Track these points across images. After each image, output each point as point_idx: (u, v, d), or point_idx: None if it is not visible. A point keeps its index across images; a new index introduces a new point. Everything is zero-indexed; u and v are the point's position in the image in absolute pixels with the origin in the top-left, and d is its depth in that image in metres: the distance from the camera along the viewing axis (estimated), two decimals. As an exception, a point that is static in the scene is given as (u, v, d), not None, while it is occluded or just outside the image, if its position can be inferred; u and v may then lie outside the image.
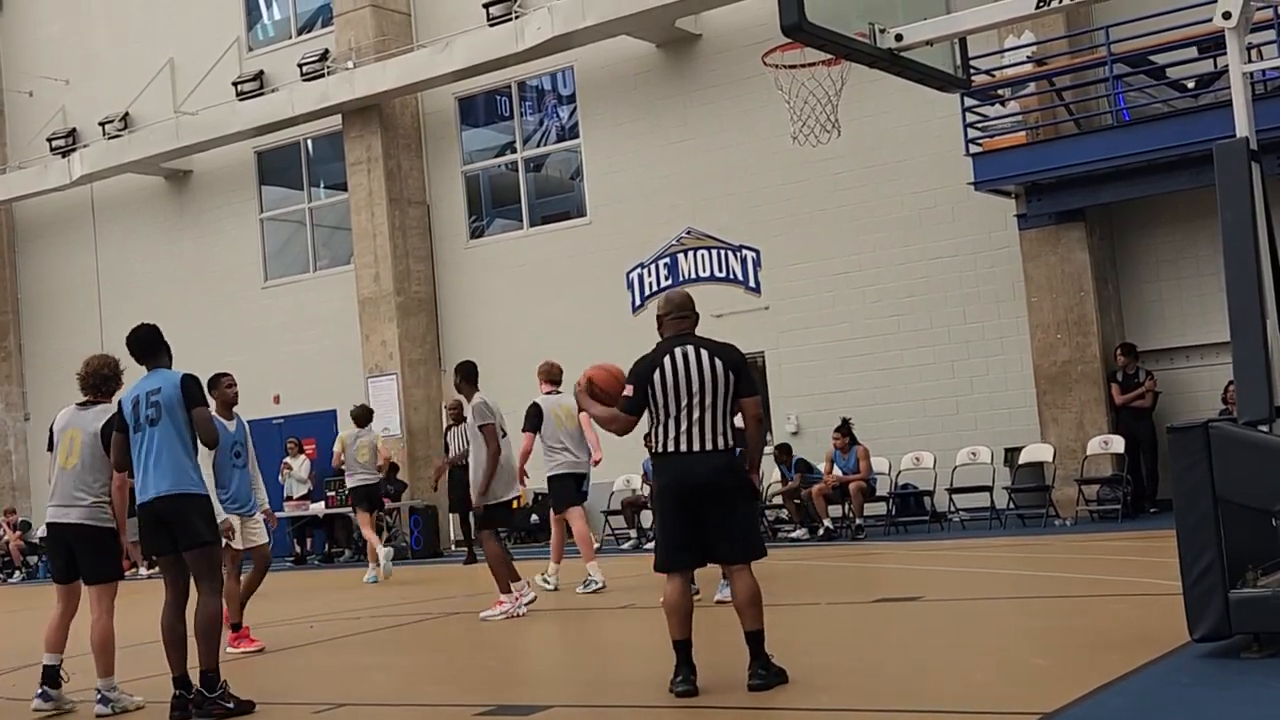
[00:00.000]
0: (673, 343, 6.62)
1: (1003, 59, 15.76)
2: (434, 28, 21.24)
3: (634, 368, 6.65)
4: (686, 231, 18.94)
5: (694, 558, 6.55)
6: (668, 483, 6.51)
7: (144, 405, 7.15)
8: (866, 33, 7.86)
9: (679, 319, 6.71)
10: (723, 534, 6.43)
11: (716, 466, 6.43)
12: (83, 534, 7.52)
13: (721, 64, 18.69)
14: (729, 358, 6.56)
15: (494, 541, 10.57)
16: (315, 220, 23.35)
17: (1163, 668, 6.17)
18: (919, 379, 17.14)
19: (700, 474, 6.40)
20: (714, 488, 6.40)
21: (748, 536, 6.55)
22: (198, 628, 7.06)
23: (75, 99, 25.48)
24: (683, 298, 6.85)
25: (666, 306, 6.80)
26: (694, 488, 6.40)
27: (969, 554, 12.70)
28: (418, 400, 20.95)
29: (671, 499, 6.49)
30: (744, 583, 6.42)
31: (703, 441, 6.42)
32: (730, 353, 6.61)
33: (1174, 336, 15.94)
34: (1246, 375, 6.50)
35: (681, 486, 6.44)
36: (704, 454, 6.42)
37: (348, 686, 8.00)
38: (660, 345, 6.66)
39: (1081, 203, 15.51)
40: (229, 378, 9.86)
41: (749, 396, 6.59)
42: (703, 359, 6.50)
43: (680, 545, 6.47)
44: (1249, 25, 7.18)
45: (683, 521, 6.44)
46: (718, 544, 6.47)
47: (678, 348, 6.56)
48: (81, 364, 7.84)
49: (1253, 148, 6.77)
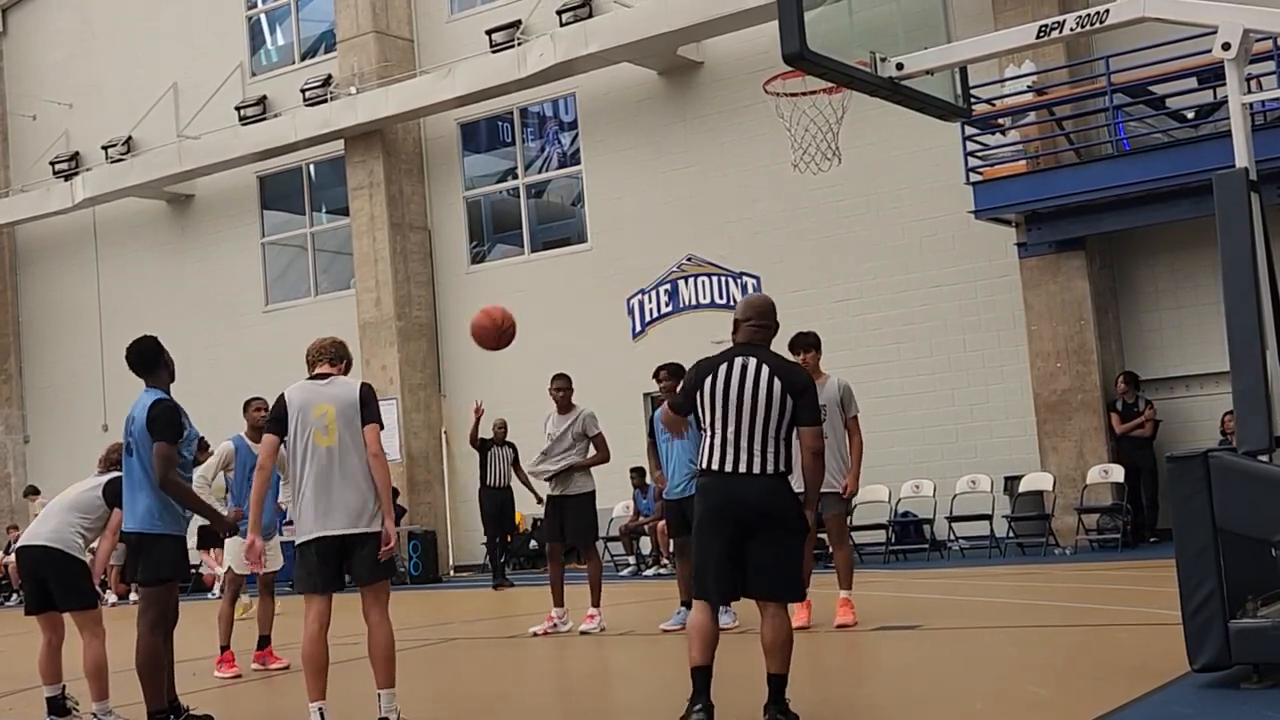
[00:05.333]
0: (736, 351, 6.07)
1: (1003, 88, 15.82)
2: (437, 54, 21.33)
3: (690, 370, 6.19)
4: (687, 258, 18.97)
5: (733, 588, 5.97)
6: (709, 503, 5.95)
7: (125, 432, 7.07)
8: (867, 61, 7.88)
9: (756, 327, 6.12)
10: (763, 567, 5.87)
11: (766, 491, 5.88)
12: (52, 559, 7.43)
13: (723, 91, 18.75)
14: (791, 380, 5.96)
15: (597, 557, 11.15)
16: (316, 245, 23.40)
17: (1162, 698, 6.15)
18: (919, 407, 17.14)
19: (745, 498, 5.87)
20: (762, 514, 5.85)
21: (789, 574, 5.95)
22: (139, 667, 6.91)
23: (78, 123, 25.58)
24: (764, 303, 6.27)
25: (746, 311, 6.19)
26: (740, 513, 5.86)
27: (968, 582, 12.66)
28: (417, 425, 20.94)
29: (714, 522, 5.91)
30: (779, 623, 5.88)
31: (750, 463, 5.87)
32: (795, 375, 6.03)
33: (1174, 366, 15.95)
34: (1246, 405, 6.50)
35: (727, 510, 5.88)
36: (752, 477, 5.87)
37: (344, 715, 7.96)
38: (725, 351, 6.11)
39: (1082, 232, 15.55)
40: (258, 401, 9.71)
41: (809, 426, 5.97)
42: (761, 375, 5.92)
43: (713, 573, 5.91)
44: (1248, 56, 7.21)
45: (725, 548, 5.87)
46: (756, 578, 5.89)
47: (739, 357, 6.01)
48: (113, 446, 7.77)
49: (1252, 178, 6.78)
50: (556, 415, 10.99)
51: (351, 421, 6.60)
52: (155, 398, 7.01)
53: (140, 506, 6.97)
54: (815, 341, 9.87)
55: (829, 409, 9.64)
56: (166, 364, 7.22)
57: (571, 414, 10.94)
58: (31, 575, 7.55)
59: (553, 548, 11.11)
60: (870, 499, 16.39)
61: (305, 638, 6.57)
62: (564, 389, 10.95)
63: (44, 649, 7.62)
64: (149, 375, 7.17)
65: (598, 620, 10.70)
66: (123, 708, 7.58)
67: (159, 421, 6.86)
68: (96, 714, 7.36)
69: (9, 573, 23.75)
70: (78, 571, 7.47)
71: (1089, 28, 7.73)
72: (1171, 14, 7.50)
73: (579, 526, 10.98)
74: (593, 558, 11.11)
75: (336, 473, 6.56)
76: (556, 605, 10.95)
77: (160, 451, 6.83)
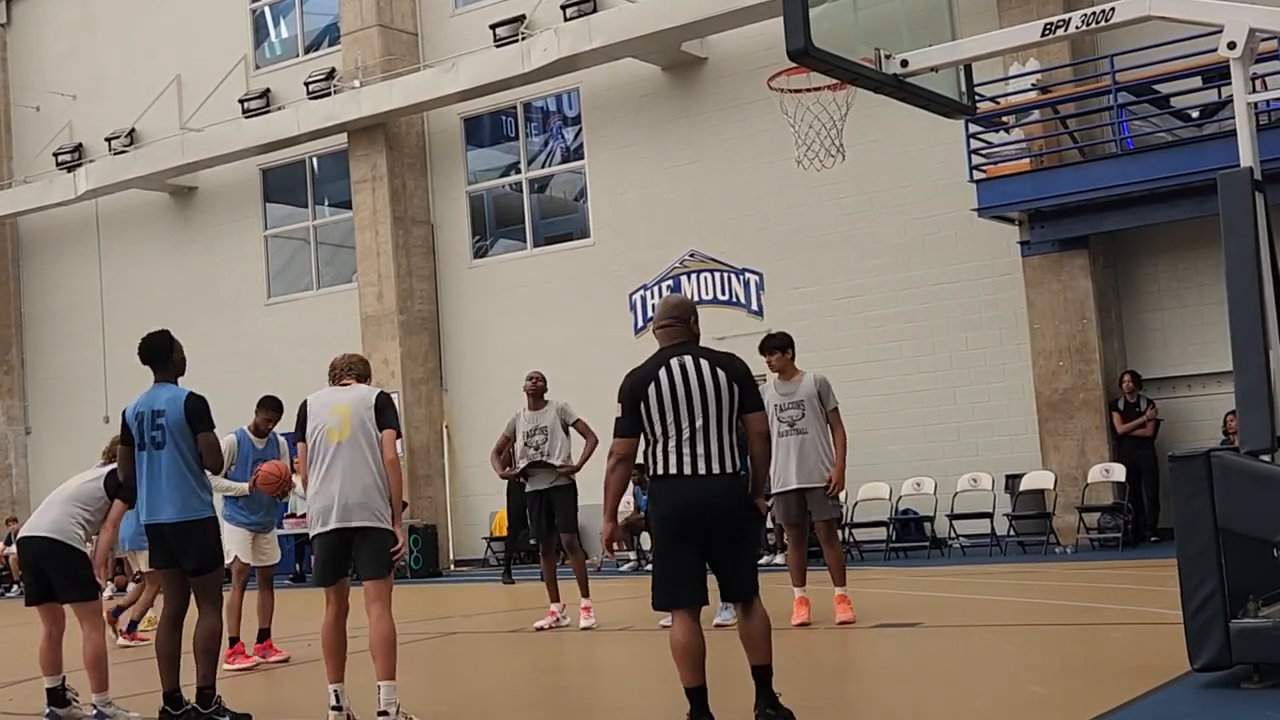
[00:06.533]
0: (669, 353, 5.90)
1: (1007, 86, 15.79)
2: (441, 48, 21.32)
3: (624, 384, 5.90)
4: (690, 254, 18.96)
5: (702, 593, 5.82)
6: (673, 509, 5.77)
7: (148, 425, 7.05)
8: (872, 58, 7.86)
9: (673, 325, 5.99)
10: (733, 567, 5.81)
11: (729, 491, 5.76)
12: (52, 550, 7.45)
13: (727, 87, 18.74)
14: (733, 369, 5.86)
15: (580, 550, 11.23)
16: (319, 238, 23.39)
17: (1163, 697, 6.14)
18: (920, 404, 17.13)
19: (711, 500, 5.72)
20: (727, 515, 5.74)
21: (753, 568, 5.94)
22: (197, 644, 7.06)
23: (82, 114, 25.58)
24: (679, 301, 6.19)
25: (662, 313, 6.06)
26: (704, 515, 5.71)
27: (969, 580, 12.66)
28: (419, 419, 20.94)
29: (677, 527, 5.75)
30: (758, 614, 5.84)
31: (708, 463, 5.73)
32: (734, 364, 5.90)
33: (1176, 365, 15.94)
34: (1248, 404, 6.49)
35: (689, 513, 5.72)
36: (713, 478, 5.73)
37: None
38: (655, 356, 5.94)
39: (1085, 230, 15.53)
40: (271, 400, 9.98)
41: (754, 412, 5.88)
42: (703, 370, 5.80)
43: (687, 580, 5.75)
44: (1254, 56, 7.20)
45: (689, 552, 5.74)
46: (728, 578, 5.84)
47: (674, 358, 5.85)
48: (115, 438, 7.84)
49: (1256, 178, 6.77)
50: (528, 411, 11.01)
51: (364, 423, 6.81)
52: (184, 392, 7.14)
53: (179, 496, 7.04)
54: (785, 342, 9.91)
55: (808, 404, 9.75)
56: (177, 358, 7.32)
57: (546, 407, 10.97)
58: (32, 566, 7.56)
59: (545, 544, 11.12)
60: (871, 496, 16.40)
61: (323, 624, 6.87)
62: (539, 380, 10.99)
63: (44, 640, 7.62)
64: (160, 368, 7.25)
65: (592, 612, 10.72)
66: (122, 699, 7.59)
67: (198, 412, 7.05)
68: (96, 705, 7.37)
69: (9, 564, 23.80)
70: (78, 563, 7.48)
71: (1094, 26, 7.71)
72: (1177, 12, 7.48)
73: (567, 515, 10.97)
74: (576, 549, 11.09)
75: (344, 467, 6.75)
76: (554, 600, 10.96)
77: (209, 441, 7.06)
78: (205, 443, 7.05)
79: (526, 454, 10.91)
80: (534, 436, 10.89)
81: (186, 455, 7.04)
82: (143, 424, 7.07)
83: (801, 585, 9.79)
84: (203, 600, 7.15)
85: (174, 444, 7.02)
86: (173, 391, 7.13)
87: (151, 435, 7.05)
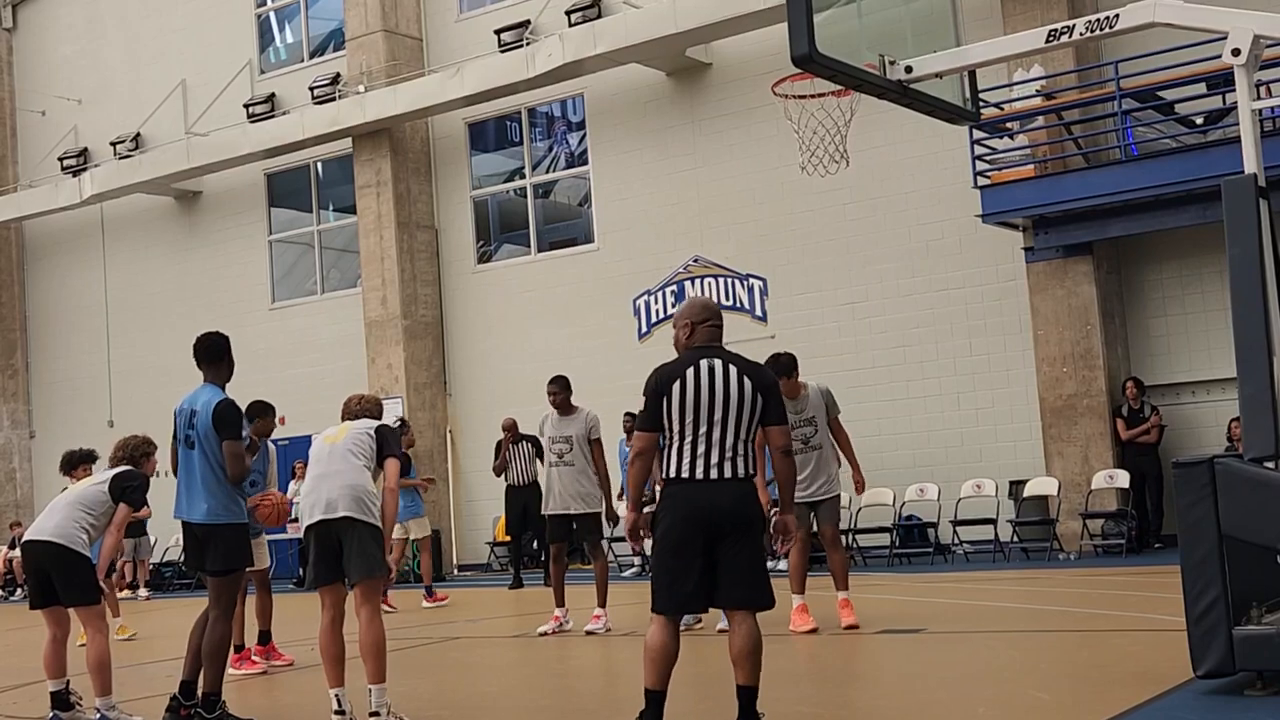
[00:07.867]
0: (700, 353, 5.82)
1: (1012, 92, 15.80)
2: (445, 53, 21.34)
3: (650, 378, 5.83)
4: (694, 259, 18.97)
5: (703, 601, 5.79)
6: (682, 514, 5.68)
7: (184, 424, 7.25)
8: (876, 64, 7.88)
9: (713, 327, 5.91)
10: (737, 575, 5.67)
11: (739, 497, 5.69)
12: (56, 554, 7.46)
13: (731, 93, 18.75)
14: (760, 380, 5.79)
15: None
16: (323, 243, 23.41)
17: (1166, 704, 6.14)
18: (924, 410, 17.12)
19: (722, 506, 5.64)
20: (736, 521, 5.65)
21: (760, 579, 5.74)
22: (206, 649, 7.13)
23: (87, 119, 25.63)
24: (714, 304, 6.15)
25: (702, 313, 5.95)
26: (714, 521, 5.63)
27: (972, 586, 12.65)
28: (423, 424, 20.94)
29: (685, 532, 5.66)
30: (749, 630, 5.68)
31: (721, 469, 5.67)
32: (762, 375, 5.84)
33: (1180, 371, 15.93)
34: (1253, 411, 6.49)
35: (700, 519, 5.64)
36: (724, 483, 5.67)
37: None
38: (685, 355, 5.86)
39: (1089, 237, 15.52)
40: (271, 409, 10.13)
41: (777, 425, 5.80)
42: (730, 376, 5.72)
43: (688, 586, 5.68)
44: (1258, 62, 7.20)
45: (695, 559, 5.65)
46: (731, 587, 5.68)
47: (704, 360, 5.77)
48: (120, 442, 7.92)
49: (1261, 184, 6.78)
50: (556, 417, 11.00)
51: (360, 438, 7.07)
52: (220, 397, 7.24)
53: (205, 499, 7.14)
54: (791, 365, 9.84)
55: (819, 419, 9.93)
56: (230, 362, 7.50)
57: (575, 415, 10.95)
58: (36, 570, 7.57)
59: (556, 548, 11.12)
60: (875, 502, 16.38)
61: (319, 630, 6.95)
62: (557, 393, 10.98)
63: (49, 644, 7.64)
64: (212, 370, 7.40)
65: (603, 620, 10.71)
66: (126, 703, 7.60)
67: (226, 419, 7.15)
68: (100, 709, 7.38)
69: (14, 568, 23.82)
70: (81, 567, 7.50)
71: (1099, 32, 7.72)
72: (1182, 19, 7.49)
73: (590, 525, 11.03)
74: (599, 556, 11.15)
75: (337, 467, 6.97)
76: (559, 605, 10.96)
77: (233, 449, 7.13)
78: (228, 451, 7.14)
79: (550, 459, 11.01)
80: (556, 444, 10.96)
81: (212, 459, 7.16)
82: (182, 422, 7.26)
83: (800, 592, 9.82)
84: (214, 604, 7.19)
85: (202, 447, 7.16)
86: (211, 394, 7.27)
87: (186, 434, 7.22)
